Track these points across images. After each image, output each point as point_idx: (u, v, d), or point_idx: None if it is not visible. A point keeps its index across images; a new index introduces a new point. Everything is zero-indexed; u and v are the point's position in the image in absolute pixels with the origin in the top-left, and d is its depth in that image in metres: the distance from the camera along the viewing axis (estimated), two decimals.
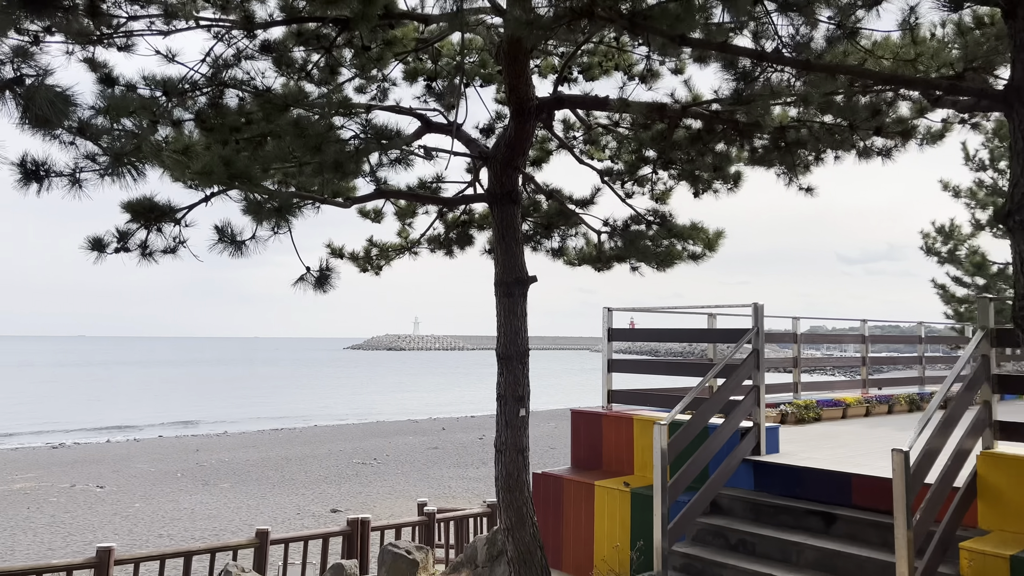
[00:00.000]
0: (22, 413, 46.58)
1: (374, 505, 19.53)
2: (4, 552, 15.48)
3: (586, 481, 7.49)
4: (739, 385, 6.72)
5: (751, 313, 6.92)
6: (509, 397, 6.47)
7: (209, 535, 16.62)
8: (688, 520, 6.10)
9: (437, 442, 31.42)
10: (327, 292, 5.58)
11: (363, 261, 8.35)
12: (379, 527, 9.78)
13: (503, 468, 6.48)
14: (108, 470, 25.22)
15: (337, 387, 74.97)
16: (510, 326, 6.48)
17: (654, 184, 8.53)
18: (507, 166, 6.41)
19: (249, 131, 5.97)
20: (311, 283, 5.64)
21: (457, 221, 8.48)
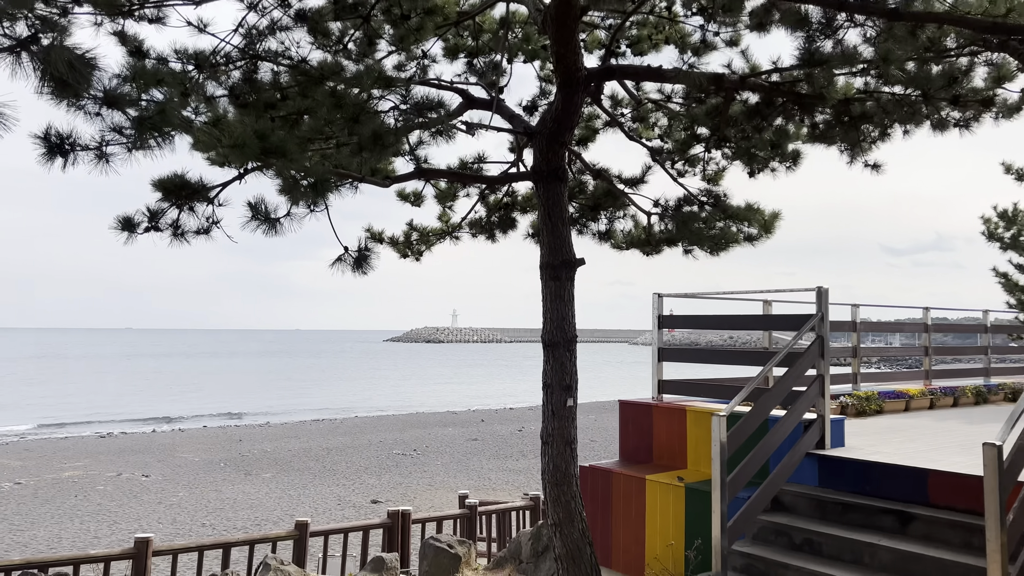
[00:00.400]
0: (74, 403, 47.64)
1: (414, 496, 19.37)
2: (51, 540, 15.64)
3: (637, 475, 7.11)
4: (802, 375, 6.27)
5: (814, 298, 6.45)
6: (556, 386, 6.11)
7: (251, 525, 16.61)
8: (749, 517, 5.68)
9: (476, 433, 31.24)
10: (366, 273, 5.28)
11: (403, 246, 8.04)
12: (420, 519, 9.52)
13: (550, 461, 6.13)
14: (153, 459, 25.53)
15: (377, 379, 75.44)
16: (556, 311, 6.12)
17: (706, 164, 8.07)
18: (553, 141, 6.04)
19: (285, 107, 5.69)
20: (349, 264, 5.34)
21: (499, 204, 8.12)
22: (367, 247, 5.35)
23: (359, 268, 5.32)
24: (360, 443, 28.81)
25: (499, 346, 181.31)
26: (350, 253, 5.35)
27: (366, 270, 5.32)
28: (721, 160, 8.17)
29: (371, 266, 5.33)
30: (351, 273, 5.31)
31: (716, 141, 7.58)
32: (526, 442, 28.72)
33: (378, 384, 68.44)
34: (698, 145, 8.02)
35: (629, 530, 7.13)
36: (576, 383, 6.23)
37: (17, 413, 42.07)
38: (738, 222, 7.35)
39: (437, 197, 8.07)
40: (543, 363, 6.22)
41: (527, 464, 24.09)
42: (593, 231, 8.01)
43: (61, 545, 15.37)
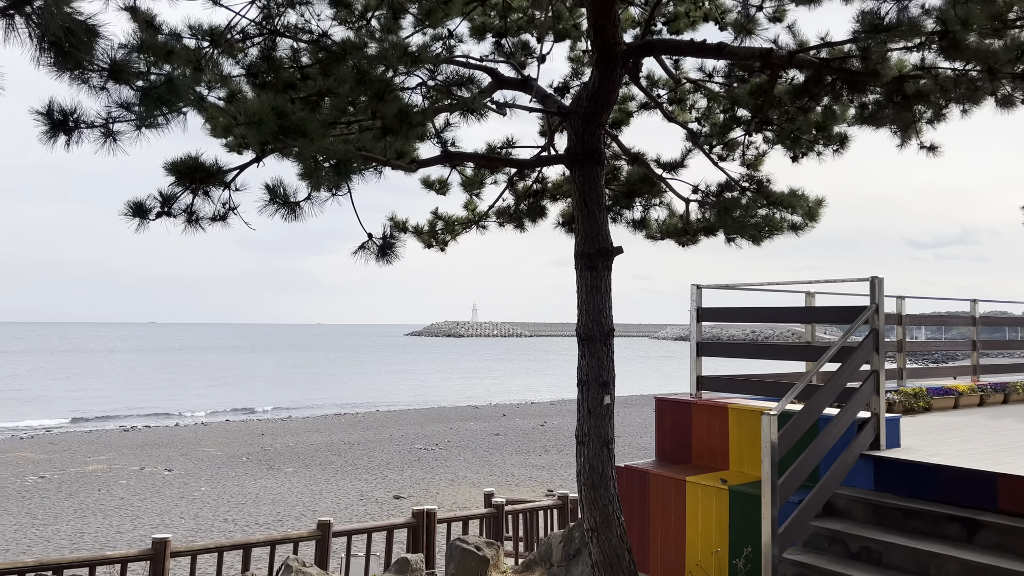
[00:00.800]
0: (98, 397, 47.95)
1: (437, 492, 19.10)
2: (74, 535, 15.52)
3: (676, 476, 6.71)
4: (856, 370, 5.85)
5: (860, 290, 6.01)
6: (592, 382, 5.73)
7: (273, 520, 16.41)
8: (800, 523, 5.28)
9: (498, 428, 30.93)
10: (390, 262, 4.93)
11: (427, 236, 7.69)
12: (445, 519, 9.18)
13: (586, 462, 5.76)
14: (176, 453, 25.47)
15: (398, 373, 75.44)
16: (593, 303, 5.74)
17: (746, 149, 7.63)
18: (590, 122, 5.65)
19: (305, 88, 5.35)
20: (373, 252, 4.99)
21: (528, 191, 7.72)
22: (392, 234, 5.00)
23: (383, 257, 4.97)
24: (382, 437, 28.61)
25: (519, 340, 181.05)
26: (374, 241, 5.00)
27: (391, 259, 4.97)
28: (762, 145, 7.73)
29: (396, 255, 4.99)
30: (375, 262, 4.97)
31: (758, 124, 7.15)
32: (548, 437, 28.37)
33: (399, 378, 68.41)
34: (738, 129, 7.60)
35: (668, 535, 6.74)
36: (613, 379, 5.85)
37: (42, 407, 42.41)
38: (782, 209, 6.92)
39: (463, 184, 7.70)
40: (578, 358, 5.84)
41: (550, 460, 23.75)
42: (627, 220, 7.60)
43: (83, 540, 15.25)
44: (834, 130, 7.00)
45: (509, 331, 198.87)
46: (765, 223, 6.82)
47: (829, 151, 7.12)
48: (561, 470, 22.05)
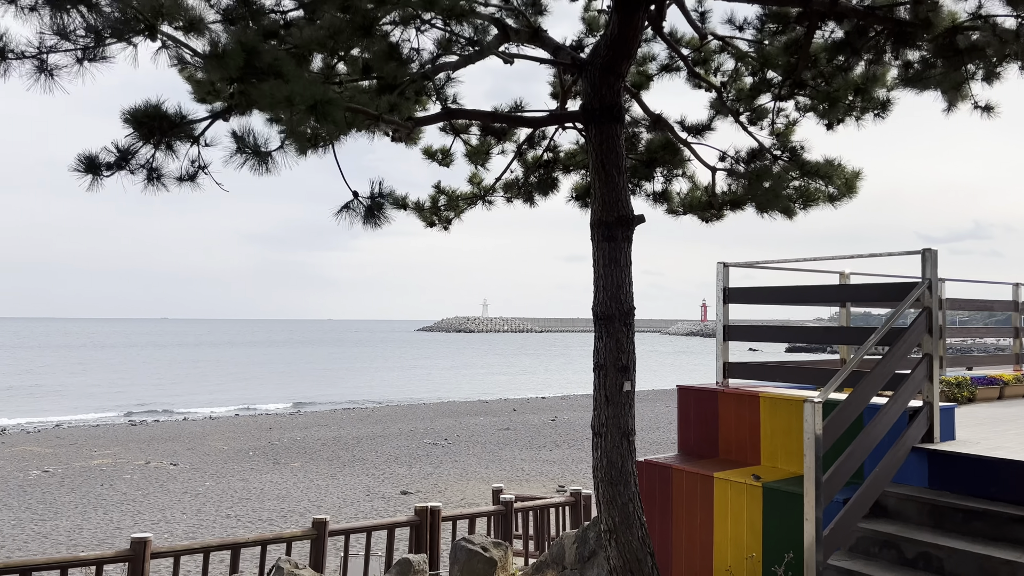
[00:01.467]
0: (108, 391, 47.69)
1: (445, 488, 18.49)
2: (73, 531, 15.02)
3: (702, 472, 6.04)
4: (907, 355, 5.17)
5: (905, 269, 5.33)
6: (610, 367, 5.08)
7: (276, 516, 15.86)
8: (847, 525, 4.62)
9: (508, 423, 30.32)
10: (379, 225, 4.29)
11: (429, 213, 7.04)
12: (451, 517, 8.56)
13: (603, 456, 5.11)
14: (183, 447, 25.01)
15: (408, 367, 74.99)
16: (611, 278, 5.08)
17: (775, 116, 6.93)
18: (608, 73, 4.99)
19: (290, 38, 4.72)
20: (359, 213, 4.35)
21: (538, 162, 7.05)
22: (380, 193, 4.36)
23: (371, 218, 4.33)
24: (390, 432, 28.06)
25: (530, 336, 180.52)
26: (360, 200, 4.37)
27: (379, 221, 4.33)
28: (792, 113, 7.04)
29: (385, 217, 4.34)
30: (361, 224, 4.34)
31: (790, 87, 6.45)
32: (559, 432, 27.74)
33: (409, 373, 67.96)
34: (767, 95, 6.90)
35: (693, 536, 6.08)
36: (634, 364, 5.20)
37: (54, 401, 42.17)
38: (817, 179, 6.23)
39: (468, 155, 7.03)
40: (594, 340, 5.19)
41: (561, 455, 23.11)
42: (647, 192, 6.93)
43: (81, 536, 14.74)
44: (875, 92, 6.29)
45: (520, 326, 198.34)
46: (799, 194, 6.13)
47: (869, 117, 6.41)
48: (572, 465, 21.41)
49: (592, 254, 5.14)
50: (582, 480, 19.21)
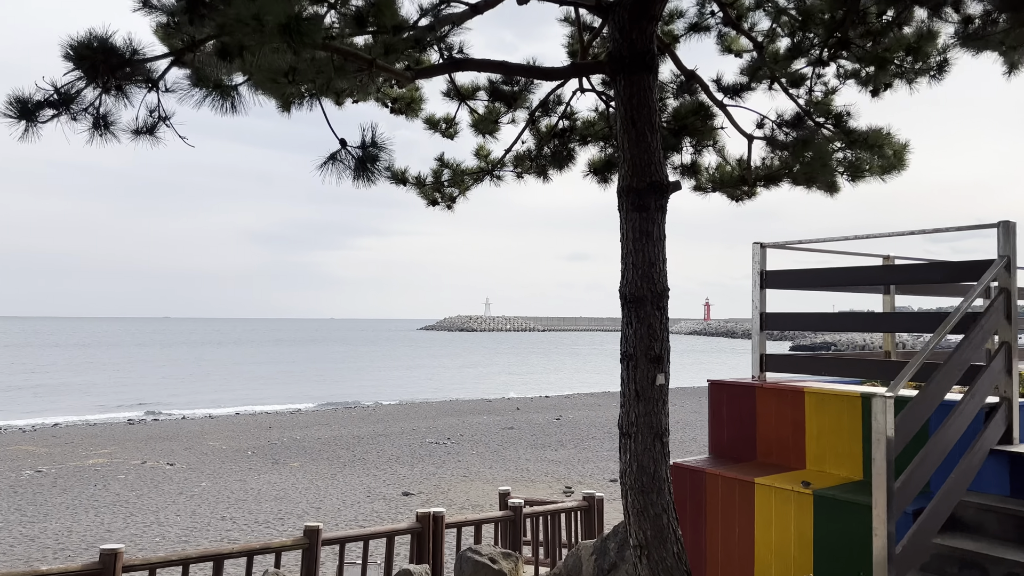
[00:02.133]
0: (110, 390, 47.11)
1: (448, 488, 17.78)
2: (61, 533, 14.33)
3: (741, 478, 5.32)
4: (982, 344, 4.45)
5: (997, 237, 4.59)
6: (640, 357, 4.36)
7: (273, 519, 15.16)
8: (923, 540, 3.90)
9: (512, 422, 29.61)
10: (372, 181, 3.57)
11: (431, 189, 6.32)
12: (455, 523, 7.84)
13: (632, 460, 4.39)
14: (180, 447, 24.33)
15: (410, 366, 74.32)
16: (642, 254, 4.37)
17: (814, 82, 6.21)
18: (639, 16, 4.28)
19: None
20: (349, 166, 3.63)
21: (553, 131, 6.33)
22: (375, 142, 3.64)
23: (363, 173, 3.60)
24: (392, 431, 27.37)
25: (532, 334, 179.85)
26: (349, 151, 3.64)
27: (372, 176, 3.61)
28: (831, 80, 6.32)
29: (379, 171, 3.61)
30: (351, 180, 3.62)
31: (833, 47, 5.73)
32: (564, 431, 27.03)
33: (411, 371, 67.32)
34: (803, 59, 6.19)
35: (731, 550, 5.36)
36: (668, 354, 4.48)
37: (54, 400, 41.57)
38: (865, 149, 5.50)
39: (474, 125, 6.31)
40: (622, 326, 4.48)
41: (566, 455, 22.40)
42: (674, 165, 6.19)
43: (70, 539, 14.06)
44: (930, 51, 5.57)
45: (522, 325, 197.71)
46: (846, 166, 5.40)
47: (923, 81, 5.68)
48: (579, 465, 20.70)
49: (620, 227, 4.43)
50: (588, 481, 18.50)
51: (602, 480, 18.66)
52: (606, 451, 22.89)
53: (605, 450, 23.07)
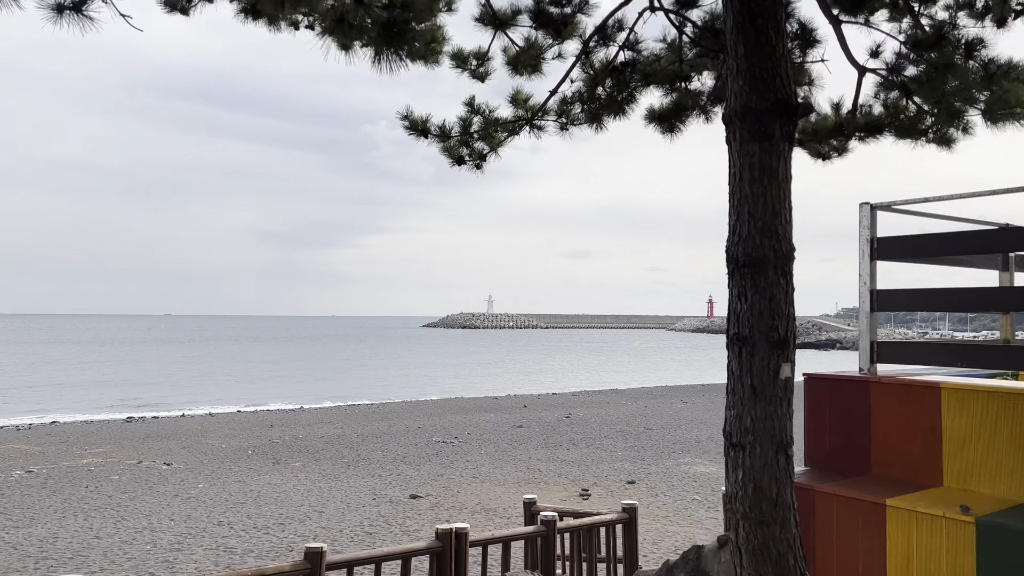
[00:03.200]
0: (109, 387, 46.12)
1: (458, 491, 16.59)
2: (47, 540, 13.14)
3: (867, 498, 4.12)
4: None
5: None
6: (759, 340, 3.18)
7: (273, 523, 13.97)
8: None
9: (520, 420, 28.45)
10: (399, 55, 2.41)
11: (457, 143, 5.12)
12: (480, 541, 6.66)
13: (747, 479, 3.21)
14: (178, 446, 23.19)
15: (414, 363, 73.27)
16: (762, 200, 3.18)
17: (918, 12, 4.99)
18: None
19: None
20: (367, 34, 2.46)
21: (610, 66, 5.10)
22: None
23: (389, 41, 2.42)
24: (397, 429, 26.21)
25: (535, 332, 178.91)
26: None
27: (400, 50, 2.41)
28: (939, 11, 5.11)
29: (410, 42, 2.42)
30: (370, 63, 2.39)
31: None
32: (575, 430, 25.87)
33: (415, 369, 66.29)
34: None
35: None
36: (794, 336, 3.29)
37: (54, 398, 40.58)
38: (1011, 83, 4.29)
39: (512, 63, 5.08)
40: (731, 299, 3.29)
41: (579, 454, 21.25)
42: None
43: (55, 546, 12.86)
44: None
45: (525, 323, 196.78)
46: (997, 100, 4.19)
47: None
48: (592, 466, 19.54)
49: (729, 166, 3.23)
50: (605, 483, 17.35)
51: (619, 482, 17.50)
52: (620, 451, 21.74)
53: (619, 449, 21.91)
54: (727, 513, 3.42)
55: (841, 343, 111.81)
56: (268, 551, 12.26)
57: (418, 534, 13.13)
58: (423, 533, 13.17)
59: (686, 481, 17.63)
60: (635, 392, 41.33)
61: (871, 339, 4.74)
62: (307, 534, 13.21)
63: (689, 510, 14.90)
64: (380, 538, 12.92)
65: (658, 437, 24.35)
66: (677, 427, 26.24)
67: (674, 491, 16.63)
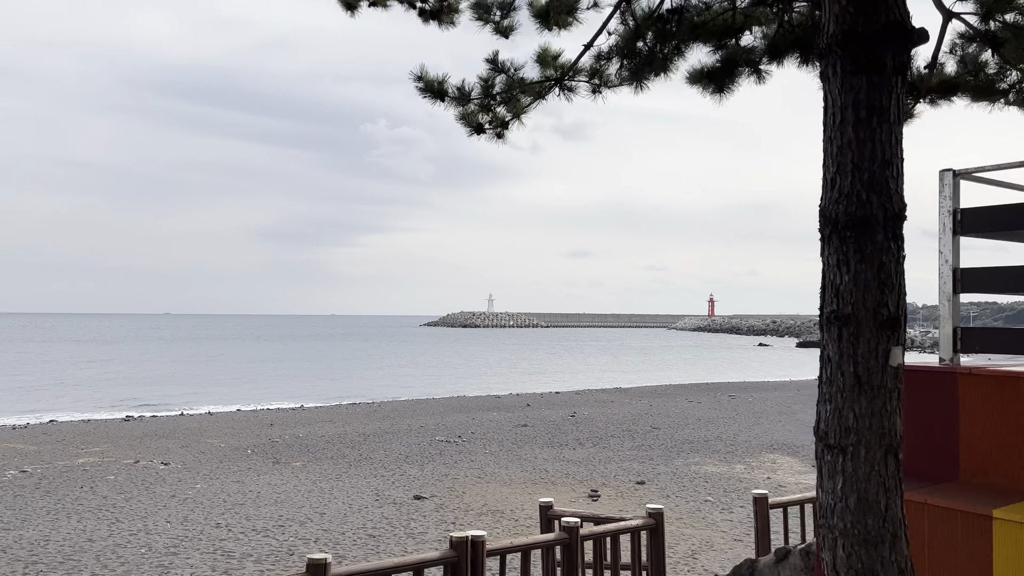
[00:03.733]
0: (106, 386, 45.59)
1: (463, 491, 16.00)
2: (38, 543, 12.53)
3: (970, 509, 3.51)
4: None
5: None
6: (865, 319, 2.57)
7: (273, 526, 13.37)
8: None
9: (524, 419, 27.85)
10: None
11: (477, 107, 4.51)
12: (498, 550, 6.05)
13: (850, 488, 2.60)
14: (176, 445, 22.59)
15: (414, 362, 72.71)
16: (869, 147, 2.57)
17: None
18: None
19: None
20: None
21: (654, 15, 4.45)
22: None
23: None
24: (399, 428, 25.61)
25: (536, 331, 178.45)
26: None
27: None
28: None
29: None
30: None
31: None
32: (580, 429, 25.28)
33: (416, 367, 65.75)
34: None
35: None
36: (905, 313, 2.69)
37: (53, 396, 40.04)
38: None
39: (540, 15, 4.43)
40: (824, 269, 2.69)
41: (585, 454, 20.66)
42: None
43: (46, 550, 12.26)
44: None
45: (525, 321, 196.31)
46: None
47: None
48: (600, 466, 18.96)
49: (824, 107, 2.63)
50: (614, 483, 16.77)
51: (628, 482, 16.92)
52: (627, 450, 21.15)
53: (626, 449, 21.33)
54: (820, 530, 2.81)
55: None
56: (267, 555, 11.65)
57: (423, 537, 12.53)
58: (429, 536, 12.57)
59: (697, 482, 17.03)
60: (639, 391, 40.71)
61: (954, 325, 4.13)
62: (308, 537, 12.60)
63: (703, 512, 14.30)
64: (384, 542, 12.31)
65: (665, 436, 23.76)
66: (684, 426, 25.67)
67: (685, 492, 16.03)
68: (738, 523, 13.36)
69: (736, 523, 13.37)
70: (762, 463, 19.23)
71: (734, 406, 31.86)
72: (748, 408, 30.96)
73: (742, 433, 23.95)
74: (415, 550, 11.76)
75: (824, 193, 2.72)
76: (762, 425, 25.70)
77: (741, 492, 15.82)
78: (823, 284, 2.72)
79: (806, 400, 33.75)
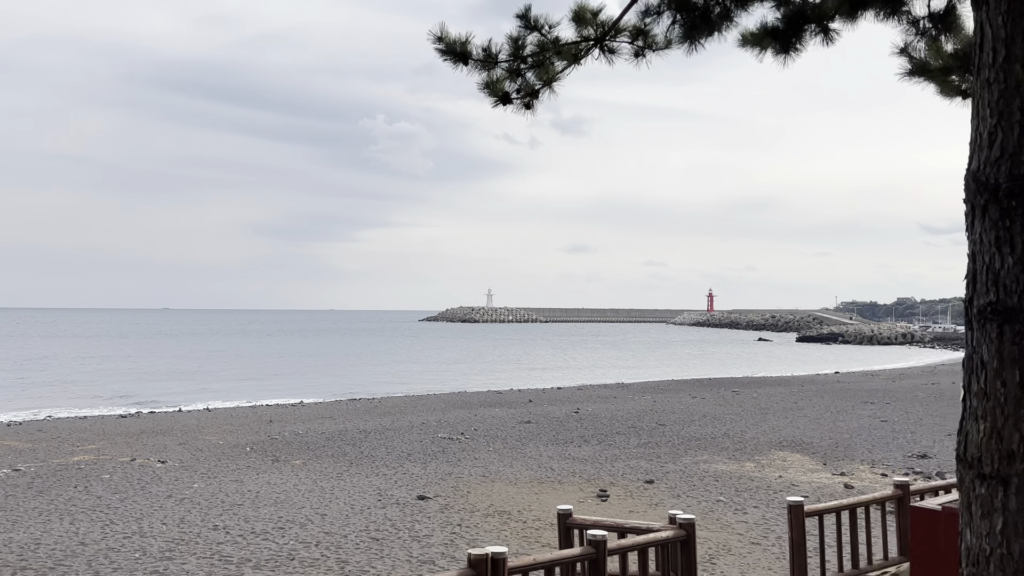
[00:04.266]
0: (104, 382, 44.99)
1: (468, 491, 15.42)
2: (28, 546, 11.93)
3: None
4: None
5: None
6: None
7: (273, 528, 12.78)
8: None
9: (527, 415, 27.29)
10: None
11: (504, 74, 3.92)
12: (520, 567, 5.48)
13: (1012, 527, 2.02)
14: (174, 442, 21.98)
15: (414, 357, 72.17)
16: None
17: None
18: None
19: None
20: None
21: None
22: None
23: None
24: (400, 425, 25.01)
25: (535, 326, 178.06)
26: None
27: None
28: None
29: None
30: None
31: None
32: (585, 426, 24.72)
33: (416, 363, 65.19)
34: None
35: None
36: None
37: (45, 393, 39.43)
38: None
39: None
40: (973, 250, 2.11)
41: (591, 452, 20.09)
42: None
43: (37, 553, 11.66)
44: None
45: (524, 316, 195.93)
46: None
47: None
48: (607, 464, 18.38)
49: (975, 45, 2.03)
50: (622, 483, 16.20)
51: (636, 481, 16.35)
52: (633, 447, 20.59)
53: (632, 446, 20.76)
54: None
55: (843, 336, 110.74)
56: (267, 560, 11.06)
57: (429, 540, 11.95)
58: (435, 539, 11.99)
59: (707, 480, 16.46)
60: (641, 386, 40.19)
61: None
62: (309, 540, 12.01)
63: (716, 512, 13.73)
64: (388, 545, 11.73)
65: (672, 433, 23.19)
66: (690, 423, 25.11)
67: (696, 491, 15.46)
68: (754, 525, 12.79)
69: (752, 525, 12.81)
70: (772, 461, 18.67)
71: (739, 402, 31.34)
72: (753, 404, 30.45)
73: (749, 430, 23.39)
74: (421, 555, 11.19)
75: (977, 153, 2.12)
76: (769, 421, 25.17)
77: (753, 491, 15.26)
78: (973, 269, 2.12)
79: (811, 396, 33.26)
